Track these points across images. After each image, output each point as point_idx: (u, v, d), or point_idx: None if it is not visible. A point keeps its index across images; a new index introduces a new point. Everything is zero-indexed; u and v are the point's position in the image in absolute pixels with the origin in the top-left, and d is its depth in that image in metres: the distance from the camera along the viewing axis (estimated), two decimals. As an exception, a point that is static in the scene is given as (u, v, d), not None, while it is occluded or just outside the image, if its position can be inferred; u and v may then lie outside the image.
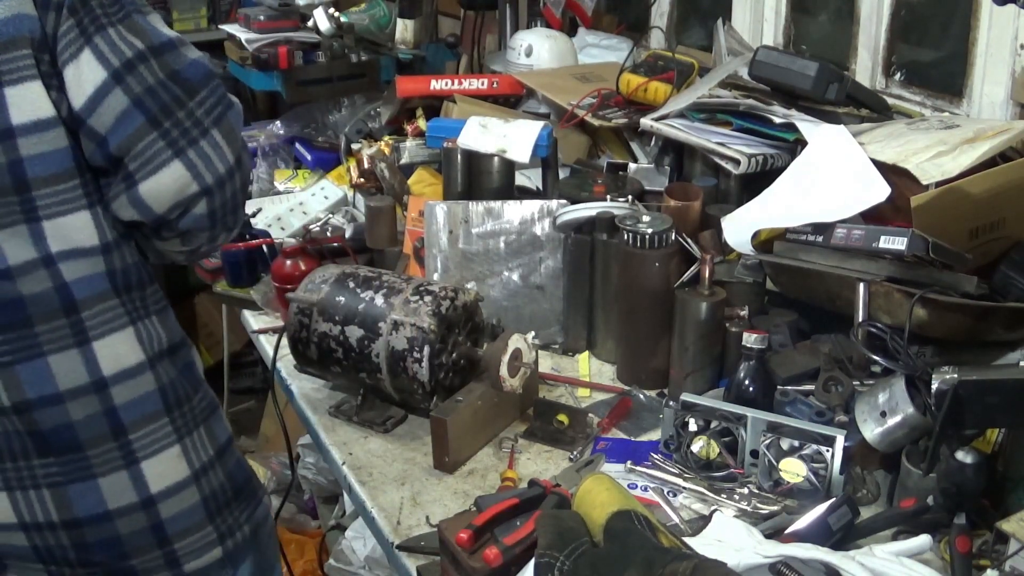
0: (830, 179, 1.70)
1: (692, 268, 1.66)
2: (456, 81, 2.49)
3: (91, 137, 1.15)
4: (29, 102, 1.11)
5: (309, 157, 2.65)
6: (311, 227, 2.18)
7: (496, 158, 1.98)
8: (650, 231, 1.66)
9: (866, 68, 2.22)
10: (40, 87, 1.12)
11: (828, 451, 1.37)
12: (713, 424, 1.47)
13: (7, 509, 1.21)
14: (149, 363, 1.23)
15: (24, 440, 1.19)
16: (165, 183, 1.16)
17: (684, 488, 1.44)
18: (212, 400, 1.34)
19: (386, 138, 2.39)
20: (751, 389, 1.52)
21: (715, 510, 1.35)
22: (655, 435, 1.58)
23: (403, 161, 2.28)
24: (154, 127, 1.15)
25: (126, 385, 1.21)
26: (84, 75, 1.13)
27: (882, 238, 1.49)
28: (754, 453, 1.43)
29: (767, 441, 1.41)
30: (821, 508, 1.28)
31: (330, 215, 2.35)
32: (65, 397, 1.18)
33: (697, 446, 1.46)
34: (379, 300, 1.61)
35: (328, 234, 2.12)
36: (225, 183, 1.21)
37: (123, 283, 1.21)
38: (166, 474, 1.24)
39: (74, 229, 1.16)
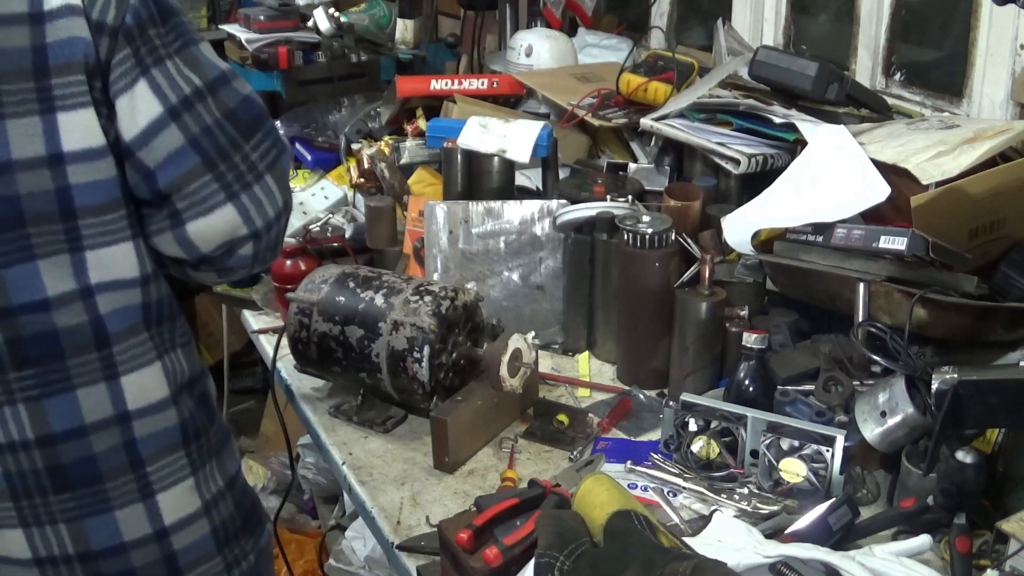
0: (830, 179, 1.70)
1: (692, 268, 1.66)
2: (456, 81, 2.49)
3: (138, 169, 1.13)
4: (82, 129, 1.09)
5: (309, 157, 2.65)
6: (311, 227, 2.17)
7: (496, 158, 1.98)
8: (650, 231, 1.66)
9: (866, 68, 2.22)
10: (92, 114, 1.09)
11: (828, 451, 1.37)
12: (713, 424, 1.47)
13: (22, 545, 1.19)
14: (172, 398, 1.22)
15: (41, 477, 1.17)
16: (215, 225, 1.16)
17: (684, 488, 1.44)
18: (225, 430, 1.34)
19: (386, 138, 2.39)
20: (751, 389, 1.52)
21: (715, 510, 1.35)
22: (655, 435, 1.58)
23: (403, 161, 2.27)
24: (209, 169, 1.14)
25: (149, 419, 1.20)
26: (139, 107, 1.11)
27: (882, 238, 1.49)
28: (754, 453, 1.43)
29: (767, 441, 1.41)
30: (821, 508, 1.28)
31: (330, 215, 2.35)
32: (89, 430, 1.16)
33: (697, 446, 1.46)
34: (379, 300, 1.61)
35: (328, 234, 2.12)
36: (273, 226, 1.21)
37: (156, 316, 1.21)
38: (179, 506, 1.24)
39: (116, 261, 1.15)
